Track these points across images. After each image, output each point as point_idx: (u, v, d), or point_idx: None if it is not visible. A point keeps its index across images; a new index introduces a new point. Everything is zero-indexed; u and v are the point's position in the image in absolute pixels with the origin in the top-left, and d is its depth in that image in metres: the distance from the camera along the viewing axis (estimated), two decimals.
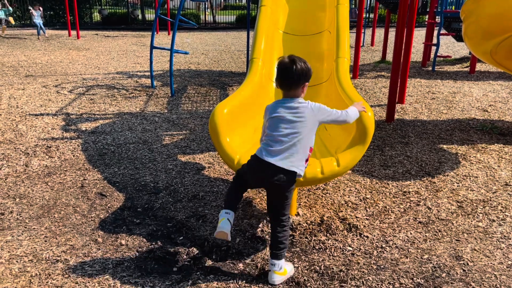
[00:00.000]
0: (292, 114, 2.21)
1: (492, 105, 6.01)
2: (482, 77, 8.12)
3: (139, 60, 10.37)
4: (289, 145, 2.19)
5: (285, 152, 2.18)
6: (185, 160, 3.97)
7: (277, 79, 2.30)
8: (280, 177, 2.16)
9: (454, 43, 13.74)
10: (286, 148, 2.18)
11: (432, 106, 5.99)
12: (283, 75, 2.25)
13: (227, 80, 8.05)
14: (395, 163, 3.89)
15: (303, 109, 2.23)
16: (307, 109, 2.23)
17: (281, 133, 2.20)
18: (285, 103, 2.25)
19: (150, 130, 4.86)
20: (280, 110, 2.24)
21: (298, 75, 2.21)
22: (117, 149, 4.24)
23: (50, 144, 4.35)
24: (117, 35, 17.99)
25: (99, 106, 5.90)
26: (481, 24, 4.36)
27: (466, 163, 3.89)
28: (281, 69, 2.25)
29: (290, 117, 2.21)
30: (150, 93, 6.73)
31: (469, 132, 4.81)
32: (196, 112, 5.68)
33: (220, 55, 11.58)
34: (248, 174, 2.30)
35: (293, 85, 2.24)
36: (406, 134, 4.73)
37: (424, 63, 9.59)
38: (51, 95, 6.46)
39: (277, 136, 2.20)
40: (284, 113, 2.22)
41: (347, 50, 3.25)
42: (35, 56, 10.85)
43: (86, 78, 7.94)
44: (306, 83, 2.28)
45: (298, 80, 2.22)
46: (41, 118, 5.27)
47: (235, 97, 2.95)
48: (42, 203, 3.08)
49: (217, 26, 24.46)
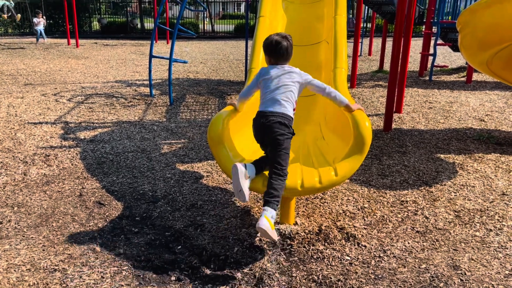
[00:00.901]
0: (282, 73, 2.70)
1: (489, 114, 6.05)
2: (478, 87, 8.17)
3: (138, 69, 10.42)
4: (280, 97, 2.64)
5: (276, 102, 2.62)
6: (184, 169, 3.98)
7: (271, 57, 2.76)
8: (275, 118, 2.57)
9: (450, 53, 13.85)
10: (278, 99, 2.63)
11: (429, 115, 6.03)
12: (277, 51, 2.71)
13: (225, 89, 8.08)
14: (393, 172, 3.91)
15: (291, 69, 2.73)
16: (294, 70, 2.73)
17: (273, 88, 2.67)
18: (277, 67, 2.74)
19: (148, 139, 4.87)
20: (272, 72, 2.73)
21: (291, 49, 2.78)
22: (116, 158, 4.25)
23: (49, 152, 4.35)
24: (116, 43, 18.08)
25: (98, 114, 5.92)
26: (477, 35, 4.40)
27: (463, 172, 3.91)
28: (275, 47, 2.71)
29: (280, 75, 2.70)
30: (148, 102, 6.75)
31: (466, 141, 4.84)
32: (195, 121, 5.70)
33: (219, 64, 11.63)
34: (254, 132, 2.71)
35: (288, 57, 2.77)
36: (403, 143, 4.76)
37: (421, 73, 9.65)
38: (50, 104, 6.48)
39: (271, 91, 2.67)
40: (275, 73, 2.71)
41: (344, 60, 3.28)
42: (34, 64, 10.89)
43: (85, 86, 7.97)
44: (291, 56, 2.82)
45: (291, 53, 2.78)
46: (40, 126, 5.28)
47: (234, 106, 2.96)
48: (40, 212, 3.09)
49: (216, 35, 24.62)
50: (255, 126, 2.69)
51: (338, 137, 2.89)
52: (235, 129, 2.86)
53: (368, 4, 9.48)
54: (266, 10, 3.80)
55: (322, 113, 3.34)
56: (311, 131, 3.21)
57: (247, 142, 2.99)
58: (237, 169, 2.45)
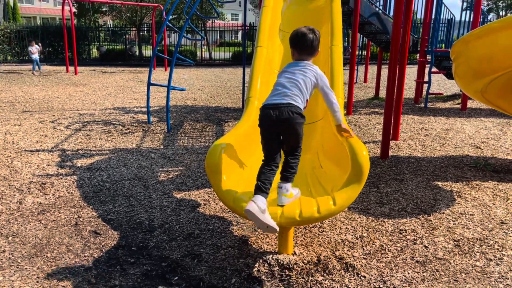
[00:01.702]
0: (297, 69, 2.69)
1: (485, 142, 6.09)
2: (473, 114, 8.26)
3: (136, 96, 10.49)
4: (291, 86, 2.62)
5: (286, 93, 2.60)
6: (181, 197, 3.95)
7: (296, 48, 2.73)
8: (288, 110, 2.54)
9: (445, 80, 14.05)
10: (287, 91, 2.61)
11: (426, 142, 6.06)
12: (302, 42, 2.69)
13: (223, 115, 8.13)
14: (391, 200, 3.90)
15: (308, 66, 2.70)
16: (311, 67, 2.70)
17: (285, 81, 2.66)
18: (296, 64, 2.73)
19: (145, 167, 4.86)
20: (289, 68, 2.74)
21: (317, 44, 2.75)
22: (112, 186, 4.23)
23: (45, 180, 4.33)
24: (114, 71, 18.26)
25: (95, 142, 5.92)
26: (471, 64, 4.48)
27: (461, 200, 3.90)
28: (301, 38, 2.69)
29: (294, 70, 2.69)
30: (146, 129, 6.77)
31: (463, 169, 4.85)
32: (192, 148, 5.71)
33: (216, 91, 11.74)
34: (262, 126, 2.65)
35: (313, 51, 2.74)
36: (401, 171, 4.76)
37: (417, 100, 9.76)
38: (47, 131, 6.49)
39: (282, 83, 2.66)
40: (290, 69, 2.72)
41: (341, 89, 3.32)
42: (33, 91, 10.95)
43: (82, 113, 8.00)
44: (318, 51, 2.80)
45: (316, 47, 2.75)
46: (37, 154, 5.27)
47: (232, 135, 2.98)
48: (35, 242, 3.04)
49: (213, 62, 24.92)
50: (262, 120, 2.63)
51: (336, 166, 2.90)
52: (233, 157, 2.86)
53: (363, 33, 9.67)
54: (264, 40, 3.87)
55: (319, 142, 3.36)
56: (309, 159, 3.22)
57: (246, 171, 2.99)
58: (252, 212, 2.32)
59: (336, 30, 3.76)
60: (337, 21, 3.83)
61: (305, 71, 2.68)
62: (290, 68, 2.73)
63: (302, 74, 2.67)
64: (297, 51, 2.75)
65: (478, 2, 8.21)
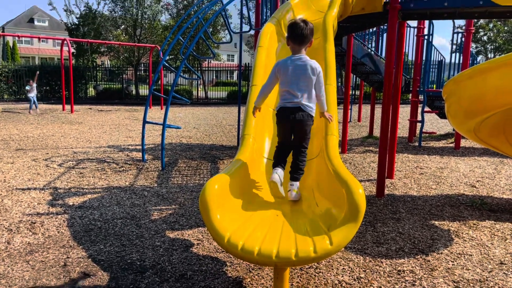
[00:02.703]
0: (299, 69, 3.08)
1: (480, 180, 6.08)
2: (467, 153, 8.31)
3: (131, 134, 10.50)
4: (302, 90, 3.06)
5: (299, 96, 3.06)
6: (174, 237, 3.87)
7: (290, 37, 3.14)
8: (302, 114, 3.06)
9: (437, 120, 14.24)
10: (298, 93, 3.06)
11: (421, 181, 6.05)
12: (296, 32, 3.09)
13: (218, 153, 8.12)
14: (388, 240, 3.83)
15: (308, 62, 3.08)
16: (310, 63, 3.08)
17: (293, 82, 3.07)
18: (293, 60, 3.12)
19: (138, 205, 4.79)
20: (290, 65, 3.10)
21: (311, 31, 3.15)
22: (104, 225, 4.14)
23: (35, 219, 4.24)
24: (110, 109, 18.39)
25: (88, 180, 5.85)
26: (463, 104, 4.54)
27: (459, 240, 3.84)
28: (294, 26, 3.11)
29: (298, 71, 3.07)
30: (140, 167, 6.72)
31: (460, 208, 4.82)
32: (186, 186, 5.65)
33: (212, 129, 11.79)
34: (279, 124, 3.18)
35: (305, 40, 3.12)
36: (397, 209, 4.72)
37: (411, 139, 9.84)
38: (40, 169, 6.42)
39: (291, 85, 3.07)
40: (293, 68, 3.09)
41: (335, 127, 3.33)
42: (27, 129, 10.95)
43: (77, 151, 7.96)
44: (312, 40, 3.19)
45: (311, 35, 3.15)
46: (28, 192, 5.18)
47: (227, 172, 2.94)
48: (21, 283, 2.93)
49: (209, 101, 25.22)
50: (280, 121, 3.16)
51: (332, 204, 2.86)
52: (227, 196, 2.82)
53: (356, 73, 9.87)
54: (259, 79, 3.92)
55: (315, 180, 3.34)
56: (304, 197, 3.18)
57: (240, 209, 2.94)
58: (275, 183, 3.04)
59: (330, 70, 3.82)
60: (330, 61, 3.90)
61: (306, 67, 3.08)
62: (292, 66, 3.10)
63: (305, 72, 3.08)
64: (291, 40, 3.16)
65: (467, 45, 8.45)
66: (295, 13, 5.10)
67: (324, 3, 5.59)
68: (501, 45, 30.80)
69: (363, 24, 6.30)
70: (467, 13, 5.30)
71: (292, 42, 3.16)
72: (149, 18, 24.70)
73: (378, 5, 5.10)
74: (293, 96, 3.07)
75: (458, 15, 5.33)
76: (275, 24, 4.72)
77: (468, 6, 4.72)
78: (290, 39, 3.17)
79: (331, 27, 4.21)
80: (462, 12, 5.14)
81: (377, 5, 5.11)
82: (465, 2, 4.69)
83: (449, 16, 5.49)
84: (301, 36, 3.11)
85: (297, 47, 3.15)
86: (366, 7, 5.21)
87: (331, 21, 4.26)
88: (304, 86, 3.07)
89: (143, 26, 24.60)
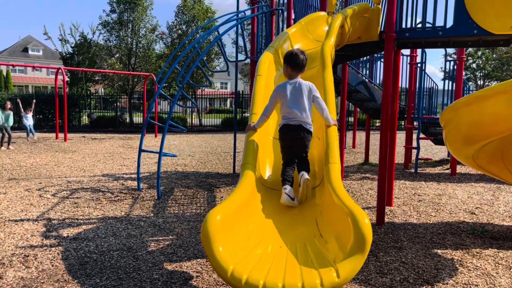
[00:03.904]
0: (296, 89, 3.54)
1: (479, 207, 6.05)
2: (464, 179, 8.31)
3: (125, 162, 10.40)
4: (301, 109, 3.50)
5: (299, 115, 3.50)
6: (172, 269, 3.76)
7: (289, 65, 3.60)
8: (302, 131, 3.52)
9: (431, 146, 14.32)
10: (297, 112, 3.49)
11: (420, 208, 6.00)
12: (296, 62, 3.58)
13: (214, 181, 8.04)
14: (391, 270, 3.75)
15: (303, 84, 3.56)
16: (305, 84, 3.57)
17: (293, 103, 3.51)
18: (291, 84, 3.58)
19: (135, 236, 4.67)
20: (288, 88, 3.56)
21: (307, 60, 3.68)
22: (100, 257, 4.02)
23: (28, 252, 4.11)
24: (104, 137, 18.30)
25: (83, 210, 5.73)
26: (461, 131, 4.55)
27: (464, 269, 3.77)
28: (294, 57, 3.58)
29: (295, 91, 3.53)
30: (136, 196, 6.62)
31: (461, 235, 4.76)
32: (183, 216, 5.54)
33: (207, 157, 11.73)
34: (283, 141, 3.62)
35: (302, 68, 3.63)
36: (398, 238, 4.65)
37: (406, 165, 9.85)
38: (33, 199, 6.29)
39: (291, 106, 3.50)
40: (290, 89, 3.55)
41: (337, 156, 3.31)
42: (20, 159, 10.81)
43: (71, 181, 7.84)
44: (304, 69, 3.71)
45: (305, 65, 3.67)
46: (21, 224, 5.05)
47: (228, 202, 2.89)
48: None
49: (203, 128, 25.23)
50: (283, 137, 3.58)
51: (336, 234, 2.80)
52: (229, 227, 2.75)
53: (351, 100, 9.95)
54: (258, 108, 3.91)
55: (318, 209, 3.29)
56: (307, 227, 3.12)
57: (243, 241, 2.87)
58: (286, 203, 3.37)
59: (330, 97, 3.83)
60: (330, 90, 3.91)
61: (302, 89, 3.53)
62: (290, 88, 3.56)
63: (302, 94, 3.52)
64: (290, 67, 3.60)
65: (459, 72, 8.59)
66: (292, 42, 5.16)
67: (320, 32, 5.66)
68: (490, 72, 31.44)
69: (358, 53, 6.39)
70: (461, 41, 5.40)
71: (291, 70, 3.62)
72: (143, 47, 24.95)
73: (374, 34, 5.18)
74: (294, 115, 3.48)
75: (452, 44, 5.43)
76: (273, 53, 4.76)
77: (463, 35, 4.81)
78: (290, 67, 3.61)
79: (329, 56, 4.25)
80: (456, 41, 5.23)
81: (373, 34, 5.19)
82: (459, 32, 4.78)
83: (442, 45, 5.59)
84: (301, 66, 3.62)
85: (295, 74, 3.62)
86: (362, 36, 5.29)
87: (329, 50, 4.31)
88: (303, 106, 3.50)
89: (138, 55, 24.82)
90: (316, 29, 5.72)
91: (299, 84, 3.56)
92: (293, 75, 3.63)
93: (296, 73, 3.62)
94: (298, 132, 3.49)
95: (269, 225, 3.18)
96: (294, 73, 3.62)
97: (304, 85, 3.56)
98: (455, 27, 4.81)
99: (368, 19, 5.16)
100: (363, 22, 5.16)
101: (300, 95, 3.52)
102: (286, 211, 3.39)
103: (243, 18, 7.82)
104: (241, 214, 3.00)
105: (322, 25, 5.83)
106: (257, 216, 3.25)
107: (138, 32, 24.60)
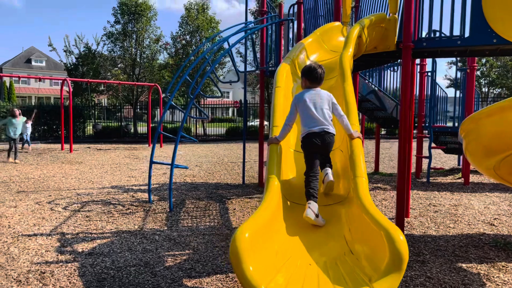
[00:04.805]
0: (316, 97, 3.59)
1: (497, 218, 5.95)
2: (477, 189, 8.20)
3: (133, 173, 10.32)
4: (322, 116, 3.53)
5: (322, 121, 3.51)
6: (192, 285, 3.67)
7: (308, 79, 3.68)
8: (328, 136, 3.53)
9: (440, 154, 14.22)
10: (321, 118, 3.52)
11: (438, 219, 5.90)
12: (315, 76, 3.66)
13: (224, 193, 7.95)
14: (417, 285, 3.65)
15: (323, 92, 3.64)
16: (325, 92, 3.65)
17: (315, 110, 3.54)
18: (310, 92, 3.63)
19: (151, 250, 4.58)
20: (306, 97, 3.60)
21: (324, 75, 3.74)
22: (117, 273, 3.93)
23: (44, 269, 4.02)
24: (109, 148, 18.24)
25: (96, 224, 5.65)
26: (482, 142, 4.47)
27: (492, 284, 3.67)
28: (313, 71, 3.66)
29: (314, 98, 3.58)
30: (147, 209, 6.54)
31: (484, 248, 4.66)
32: (197, 229, 5.45)
33: (214, 167, 11.65)
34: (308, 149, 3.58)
35: (321, 82, 3.69)
36: (419, 251, 4.55)
37: (418, 175, 9.75)
38: (44, 213, 6.21)
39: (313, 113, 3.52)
40: (309, 98, 3.58)
41: (364, 169, 3.23)
42: (27, 170, 10.75)
43: (80, 193, 7.77)
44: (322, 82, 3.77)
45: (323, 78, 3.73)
46: (35, 239, 4.97)
47: (255, 219, 2.80)
48: None
49: (208, 138, 25.18)
50: (309, 145, 3.54)
51: (368, 251, 2.71)
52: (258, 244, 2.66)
53: (361, 110, 9.88)
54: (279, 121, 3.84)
55: (345, 225, 3.19)
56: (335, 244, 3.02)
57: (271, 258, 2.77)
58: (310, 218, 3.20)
59: (352, 111, 3.76)
60: (351, 102, 3.84)
61: (322, 96, 3.59)
62: (309, 97, 3.60)
63: (323, 101, 3.57)
64: (309, 81, 3.67)
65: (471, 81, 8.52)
66: (308, 53, 5.11)
67: (336, 43, 5.62)
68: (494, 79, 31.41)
69: (372, 62, 6.33)
70: (478, 51, 5.34)
71: (310, 84, 3.70)
72: (147, 58, 25.01)
73: (391, 44, 5.12)
74: (317, 122, 3.51)
75: (469, 53, 5.37)
76: (290, 64, 4.70)
77: (482, 44, 4.75)
78: (308, 81, 3.69)
79: (348, 67, 4.19)
80: (473, 50, 5.17)
81: (390, 44, 5.13)
82: (478, 41, 4.72)
83: (459, 54, 5.53)
84: (320, 79, 3.70)
85: (313, 85, 3.69)
86: (378, 46, 5.23)
87: (347, 61, 4.25)
88: (325, 112, 3.54)
89: (142, 65, 24.87)
90: (331, 39, 5.68)
91: (319, 92, 3.63)
92: (312, 86, 3.70)
93: (314, 87, 3.70)
94: (324, 138, 3.52)
95: (296, 242, 3.09)
96: (312, 85, 3.70)
97: (323, 93, 3.63)
98: (474, 36, 4.75)
99: (385, 29, 5.11)
100: (380, 32, 5.11)
101: (321, 102, 3.57)
102: (311, 226, 3.30)
103: (253, 29, 7.79)
104: (268, 230, 2.92)
105: (337, 35, 5.79)
106: (283, 232, 3.16)
107: (142, 43, 24.67)
